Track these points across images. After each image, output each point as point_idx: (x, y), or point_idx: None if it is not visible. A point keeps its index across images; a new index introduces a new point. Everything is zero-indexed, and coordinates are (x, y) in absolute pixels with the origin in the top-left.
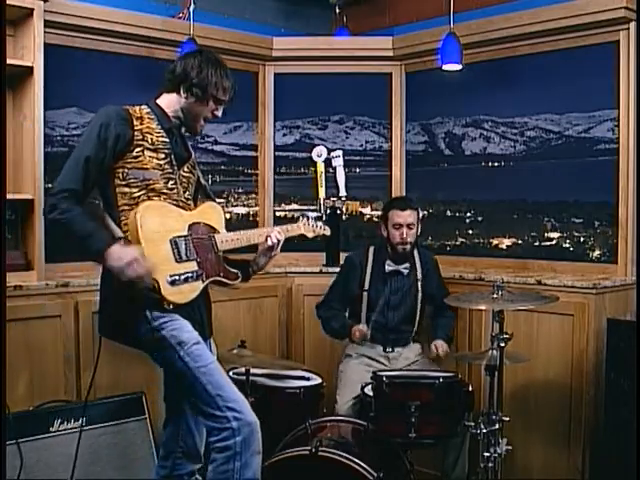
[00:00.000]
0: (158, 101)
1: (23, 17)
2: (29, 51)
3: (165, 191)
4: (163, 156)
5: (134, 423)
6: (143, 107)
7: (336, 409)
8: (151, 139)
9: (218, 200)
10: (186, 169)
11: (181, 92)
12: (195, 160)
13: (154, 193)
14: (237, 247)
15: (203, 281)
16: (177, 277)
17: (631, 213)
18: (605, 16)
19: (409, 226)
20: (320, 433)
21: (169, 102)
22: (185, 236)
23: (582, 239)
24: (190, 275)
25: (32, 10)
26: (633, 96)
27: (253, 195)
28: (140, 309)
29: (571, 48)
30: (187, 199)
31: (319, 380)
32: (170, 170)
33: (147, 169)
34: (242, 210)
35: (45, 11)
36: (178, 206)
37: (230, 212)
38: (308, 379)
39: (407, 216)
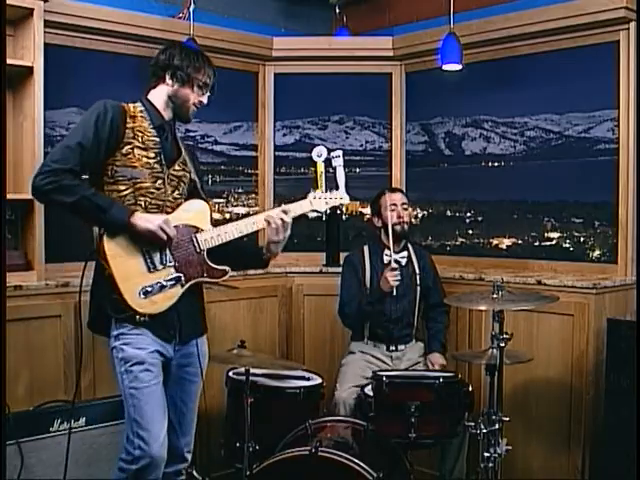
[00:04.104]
0: (149, 97)
1: (23, 17)
2: (29, 51)
3: (152, 190)
4: (153, 155)
5: None
6: (137, 105)
7: (335, 397)
8: (142, 138)
9: (218, 200)
10: (177, 167)
11: (166, 79)
12: (188, 157)
13: (141, 192)
14: (226, 242)
15: (182, 285)
16: (150, 288)
17: (631, 213)
18: (605, 16)
19: (403, 206)
20: (320, 433)
21: (158, 95)
22: None
23: (582, 239)
24: (166, 283)
25: (32, 10)
26: (633, 96)
27: (253, 195)
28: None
29: (571, 48)
30: (176, 198)
31: (319, 380)
32: (159, 169)
33: (135, 167)
34: (242, 210)
35: (45, 11)
36: (165, 206)
37: (230, 212)
38: (308, 379)
39: (400, 198)
